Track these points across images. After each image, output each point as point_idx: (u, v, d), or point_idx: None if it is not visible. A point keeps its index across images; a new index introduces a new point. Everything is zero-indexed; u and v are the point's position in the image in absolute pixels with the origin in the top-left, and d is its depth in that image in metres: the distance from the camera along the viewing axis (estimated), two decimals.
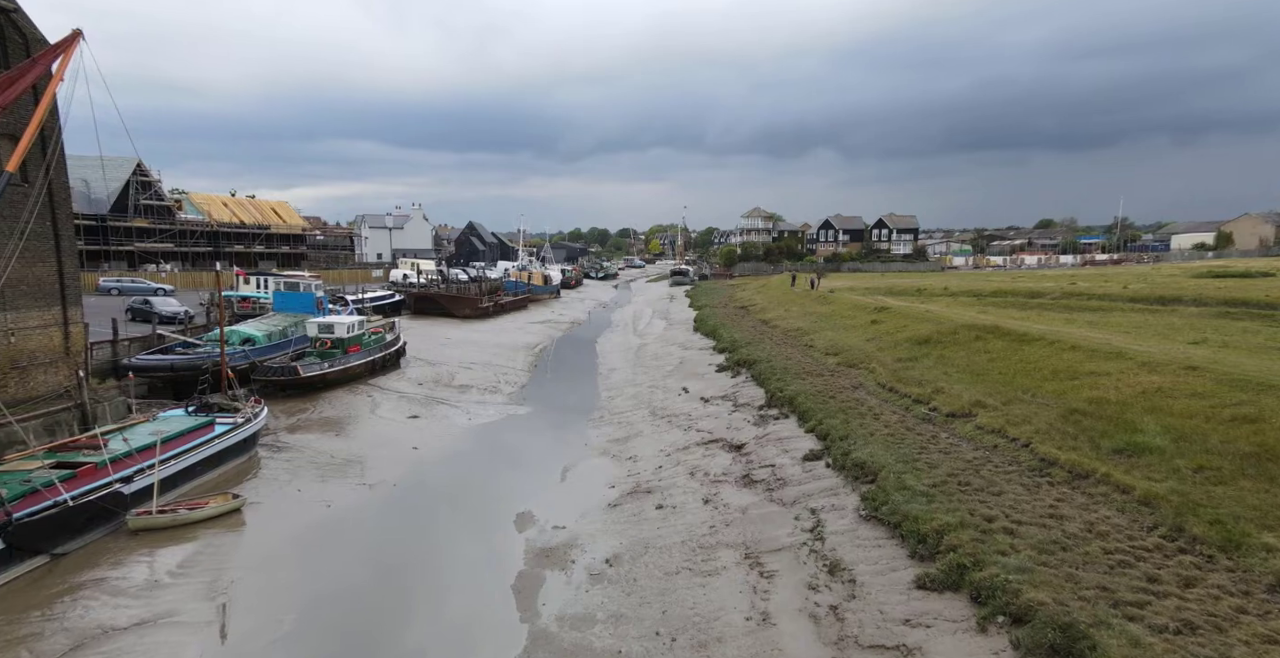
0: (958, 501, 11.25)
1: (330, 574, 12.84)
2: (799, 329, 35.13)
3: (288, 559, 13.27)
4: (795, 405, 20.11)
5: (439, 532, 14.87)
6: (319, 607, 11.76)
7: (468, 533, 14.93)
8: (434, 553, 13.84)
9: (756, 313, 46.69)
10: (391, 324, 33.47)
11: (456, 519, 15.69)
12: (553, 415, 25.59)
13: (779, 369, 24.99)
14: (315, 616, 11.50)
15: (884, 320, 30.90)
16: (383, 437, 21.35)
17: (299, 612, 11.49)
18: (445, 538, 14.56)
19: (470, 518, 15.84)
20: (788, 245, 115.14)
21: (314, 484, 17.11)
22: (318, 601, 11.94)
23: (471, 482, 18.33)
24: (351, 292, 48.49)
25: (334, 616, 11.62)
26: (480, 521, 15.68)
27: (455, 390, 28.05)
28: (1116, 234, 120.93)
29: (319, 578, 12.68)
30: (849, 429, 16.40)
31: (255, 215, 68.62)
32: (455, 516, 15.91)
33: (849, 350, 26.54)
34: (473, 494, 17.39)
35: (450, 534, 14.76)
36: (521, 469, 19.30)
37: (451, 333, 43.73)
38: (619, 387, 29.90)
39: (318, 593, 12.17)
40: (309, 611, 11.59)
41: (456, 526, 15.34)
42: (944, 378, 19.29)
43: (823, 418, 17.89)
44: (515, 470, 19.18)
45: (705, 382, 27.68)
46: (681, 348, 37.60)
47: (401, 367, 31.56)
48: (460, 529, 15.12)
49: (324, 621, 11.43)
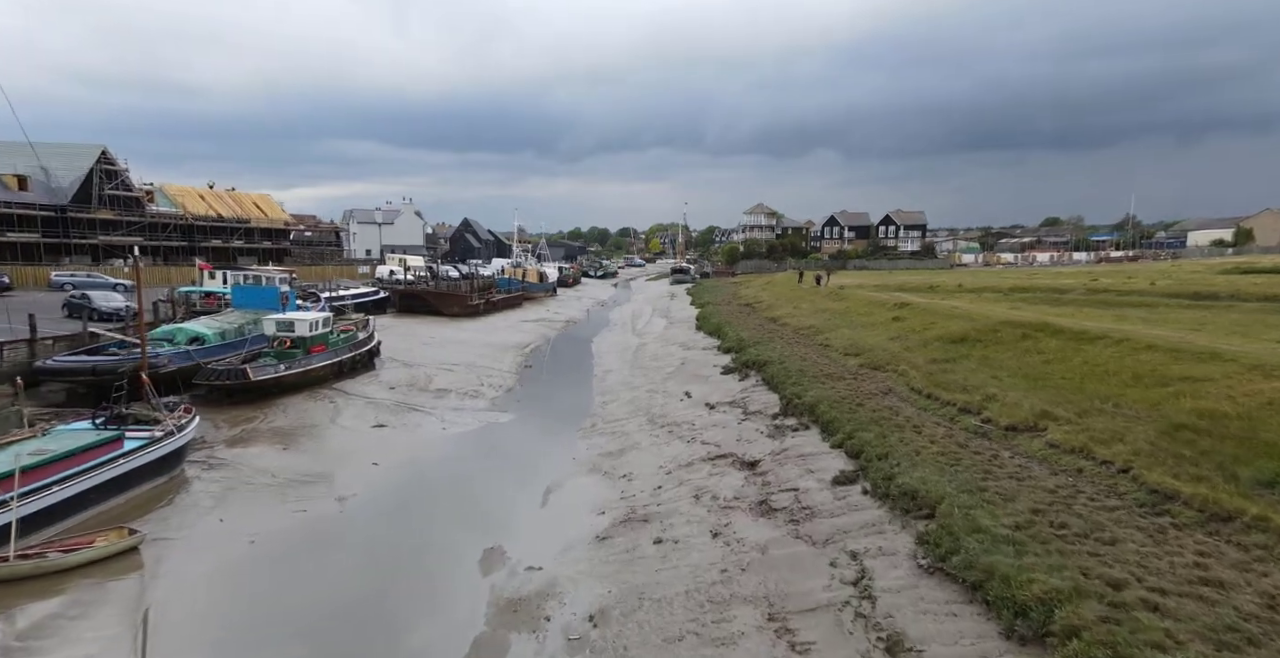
0: (1058, 551, 8.37)
1: (230, 642, 9.95)
2: (811, 327, 32.24)
3: (182, 618, 10.37)
4: (816, 414, 17.25)
5: (382, 577, 11.96)
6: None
7: (419, 579, 12.03)
8: (369, 610, 10.94)
9: (763, 310, 43.79)
10: (365, 322, 30.57)
11: (408, 558, 12.79)
12: (539, 424, 22.72)
13: (794, 372, 22.12)
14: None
15: (907, 317, 28.02)
16: (339, 450, 18.48)
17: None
18: (389, 586, 11.65)
19: (426, 556, 12.94)
20: (792, 242, 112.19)
21: (242, 511, 14.22)
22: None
23: (435, 507, 15.45)
24: (332, 288, 45.71)
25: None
26: (438, 559, 12.80)
27: (431, 395, 25.16)
28: (1128, 231, 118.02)
29: (214, 649, 9.79)
30: (887, 445, 13.53)
31: (234, 209, 65.39)
32: (408, 553, 13.00)
33: (872, 351, 23.65)
34: (435, 523, 14.50)
35: (396, 581, 11.85)
36: (496, 491, 16.44)
37: (437, 332, 40.89)
38: (614, 390, 27.03)
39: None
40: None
41: (407, 567, 12.43)
42: (993, 383, 16.41)
43: (852, 430, 15.01)
44: (489, 492, 16.30)
45: (710, 385, 24.80)
46: (683, 348, 34.72)
47: (376, 368, 28.71)
48: (411, 573, 12.22)
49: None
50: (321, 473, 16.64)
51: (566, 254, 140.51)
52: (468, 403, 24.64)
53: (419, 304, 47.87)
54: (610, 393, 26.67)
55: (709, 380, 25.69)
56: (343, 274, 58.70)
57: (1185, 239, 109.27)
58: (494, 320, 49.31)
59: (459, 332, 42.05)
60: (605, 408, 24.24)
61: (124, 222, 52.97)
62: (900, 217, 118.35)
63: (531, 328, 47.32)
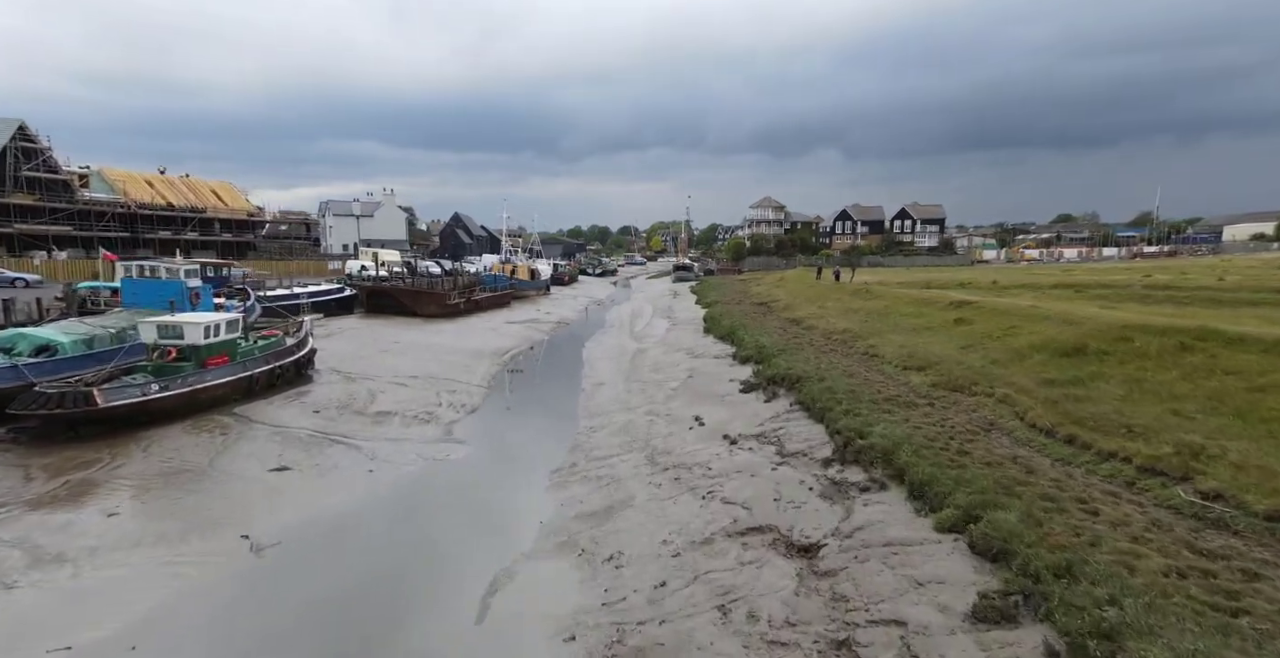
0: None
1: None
2: (847, 332, 26.56)
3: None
4: (896, 465, 11.59)
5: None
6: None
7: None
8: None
9: (781, 311, 38.11)
10: (299, 324, 24.86)
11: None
12: (501, 463, 17.10)
13: (841, 393, 16.47)
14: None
15: (974, 319, 22.33)
16: (199, 514, 12.83)
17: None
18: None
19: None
20: (801, 238, 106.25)
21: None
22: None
23: (304, 626, 9.78)
24: (290, 285, 40.19)
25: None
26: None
27: (368, 420, 19.51)
28: (1152, 226, 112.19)
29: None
30: (1056, 544, 7.87)
31: (188, 197, 58.91)
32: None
33: (942, 364, 17.98)
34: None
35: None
36: (412, 588, 10.79)
37: (405, 335, 35.28)
38: (605, 411, 21.40)
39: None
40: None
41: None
42: (1177, 420, 10.74)
43: (973, 503, 9.34)
44: (399, 593, 10.64)
45: (728, 408, 19.17)
46: (689, 355, 29.07)
47: (308, 383, 23.07)
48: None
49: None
50: (147, 560, 10.98)
51: (565, 251, 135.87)
52: (413, 431, 18.98)
53: (389, 304, 42.26)
54: (600, 415, 21.03)
55: (725, 401, 20.05)
56: (310, 270, 53.03)
57: (1221, 233, 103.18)
58: (475, 322, 43.72)
59: (432, 335, 36.45)
60: (592, 437, 18.59)
61: (47, 208, 47.00)
62: (917, 210, 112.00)
63: (516, 330, 41.71)
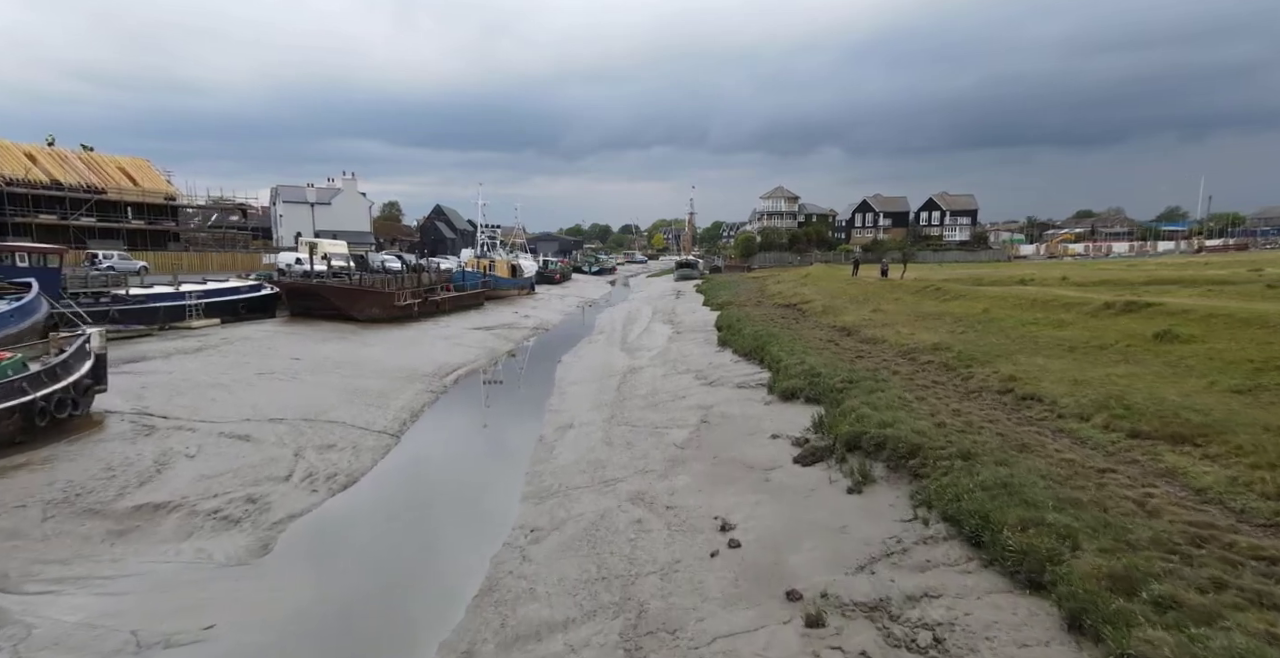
0: None
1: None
2: (940, 348, 17.68)
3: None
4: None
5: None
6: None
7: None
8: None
9: (819, 315, 29.18)
10: (72, 338, 15.82)
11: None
12: (334, 643, 8.26)
13: (1017, 485, 7.61)
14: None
15: (1196, 336, 13.41)
16: None
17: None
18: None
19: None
20: (817, 231, 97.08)
21: None
22: None
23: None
24: (178, 283, 31.46)
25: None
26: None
27: (104, 530, 10.64)
28: (1203, 219, 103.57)
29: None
30: None
31: (84, 175, 48.72)
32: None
33: (1185, 419, 9.11)
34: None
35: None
36: None
37: (318, 349, 26.47)
38: (564, 488, 12.59)
39: None
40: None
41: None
42: None
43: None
44: None
45: (776, 500, 10.32)
46: (701, 382, 20.22)
47: (73, 432, 14.25)
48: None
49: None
50: None
51: (561, 248, 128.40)
52: (185, 549, 10.10)
53: (319, 305, 33.45)
54: (553, 496, 12.20)
55: (770, 483, 11.20)
56: (239, 264, 44.29)
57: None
58: (430, 328, 35.01)
59: (358, 347, 27.66)
60: (523, 567, 9.68)
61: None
62: (946, 201, 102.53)
63: (478, 339, 32.96)
